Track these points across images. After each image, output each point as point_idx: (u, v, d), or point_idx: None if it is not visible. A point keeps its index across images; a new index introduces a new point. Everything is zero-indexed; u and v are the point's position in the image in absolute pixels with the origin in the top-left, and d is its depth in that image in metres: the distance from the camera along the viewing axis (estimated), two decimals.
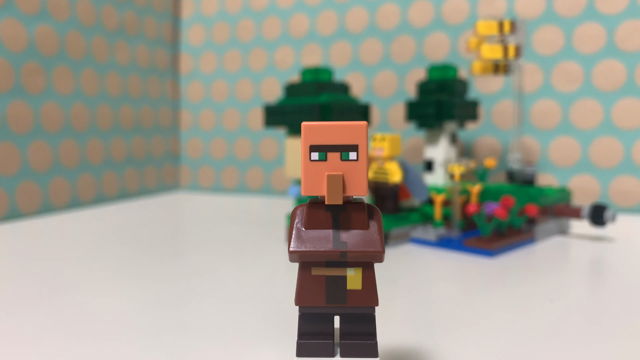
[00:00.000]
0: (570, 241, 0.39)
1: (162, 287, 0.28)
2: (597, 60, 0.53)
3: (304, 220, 0.15)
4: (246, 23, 0.72)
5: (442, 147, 0.48)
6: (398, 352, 0.19)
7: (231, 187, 0.74)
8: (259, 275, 0.31)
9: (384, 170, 0.38)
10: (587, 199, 0.53)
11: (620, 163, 0.52)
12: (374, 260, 0.15)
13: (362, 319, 0.15)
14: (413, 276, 0.31)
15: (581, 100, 0.54)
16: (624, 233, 0.41)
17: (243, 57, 0.73)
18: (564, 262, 0.34)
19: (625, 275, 0.30)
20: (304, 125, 0.15)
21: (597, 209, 0.38)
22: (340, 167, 0.15)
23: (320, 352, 0.15)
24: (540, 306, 0.24)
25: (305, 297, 0.15)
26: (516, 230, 0.38)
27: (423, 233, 0.38)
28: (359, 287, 0.15)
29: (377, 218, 0.15)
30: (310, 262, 0.15)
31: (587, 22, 0.53)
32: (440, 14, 0.60)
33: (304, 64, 0.68)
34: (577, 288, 0.28)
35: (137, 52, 0.68)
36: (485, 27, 0.43)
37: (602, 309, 0.25)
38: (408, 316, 0.24)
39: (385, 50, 0.63)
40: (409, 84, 0.62)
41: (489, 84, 0.58)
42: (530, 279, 0.30)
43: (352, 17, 0.65)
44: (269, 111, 0.51)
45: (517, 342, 0.20)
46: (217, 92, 0.75)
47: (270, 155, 0.71)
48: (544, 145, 0.56)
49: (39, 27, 0.54)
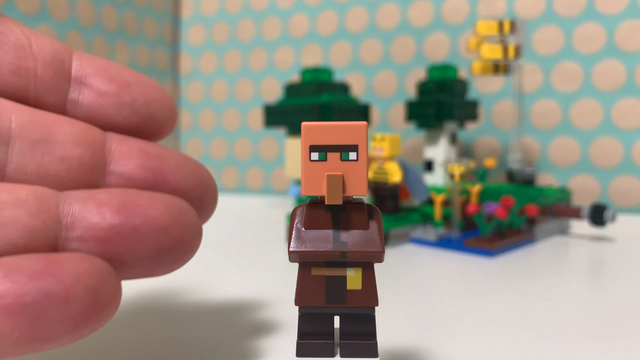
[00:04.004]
0: (570, 241, 0.39)
1: (161, 287, 0.28)
2: (597, 60, 0.53)
3: (304, 220, 0.15)
4: (246, 23, 0.72)
5: (442, 147, 0.48)
6: (398, 352, 0.19)
7: (231, 187, 0.74)
8: (258, 275, 0.31)
9: (384, 170, 0.38)
10: (587, 199, 0.53)
11: (620, 163, 0.52)
12: (374, 260, 0.15)
13: (362, 319, 0.15)
14: (413, 276, 0.31)
15: (581, 100, 0.54)
16: (624, 233, 0.41)
17: (243, 57, 0.73)
18: (564, 262, 0.34)
19: (625, 275, 0.30)
20: (303, 125, 0.15)
21: (597, 209, 0.38)
22: (340, 167, 0.15)
23: (320, 352, 0.15)
24: (540, 306, 0.24)
25: (305, 297, 0.15)
26: (516, 230, 0.38)
27: (423, 233, 0.38)
28: (359, 287, 0.15)
29: (377, 218, 0.15)
30: (310, 262, 0.15)
31: (587, 22, 0.53)
32: (440, 14, 0.60)
33: (304, 64, 0.68)
34: (577, 288, 0.28)
35: (137, 52, 0.68)
36: (485, 27, 0.43)
37: (602, 309, 0.25)
38: (408, 316, 0.24)
39: (385, 50, 0.63)
40: (409, 84, 0.62)
41: (489, 84, 0.58)
42: (530, 279, 0.30)
43: (352, 17, 0.65)
44: (269, 111, 0.51)
45: (517, 342, 0.20)
46: (217, 92, 0.75)
47: (270, 155, 0.71)
48: (544, 145, 0.56)
49: (39, 27, 0.54)
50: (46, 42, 0.16)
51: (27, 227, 0.14)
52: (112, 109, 0.17)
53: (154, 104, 0.18)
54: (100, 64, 0.17)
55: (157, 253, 0.15)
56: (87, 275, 0.13)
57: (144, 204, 0.15)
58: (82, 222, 0.14)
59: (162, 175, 0.17)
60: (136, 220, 0.15)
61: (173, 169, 0.17)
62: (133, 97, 0.17)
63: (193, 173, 0.18)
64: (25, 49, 0.16)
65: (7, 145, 0.15)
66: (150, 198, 0.16)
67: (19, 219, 0.14)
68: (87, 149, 0.16)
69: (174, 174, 0.17)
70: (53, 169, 0.15)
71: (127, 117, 0.17)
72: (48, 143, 0.15)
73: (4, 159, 0.15)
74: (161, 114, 0.18)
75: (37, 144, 0.15)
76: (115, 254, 0.15)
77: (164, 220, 0.15)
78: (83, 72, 0.17)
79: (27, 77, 0.16)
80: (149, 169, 0.17)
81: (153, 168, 0.17)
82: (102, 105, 0.17)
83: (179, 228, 0.16)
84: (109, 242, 0.15)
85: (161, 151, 0.17)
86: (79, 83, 0.17)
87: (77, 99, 0.17)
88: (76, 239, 0.14)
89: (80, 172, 0.16)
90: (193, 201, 0.18)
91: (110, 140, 0.17)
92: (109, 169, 0.16)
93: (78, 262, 0.13)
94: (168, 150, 0.18)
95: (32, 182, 0.15)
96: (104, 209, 0.15)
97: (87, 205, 0.15)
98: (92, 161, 0.16)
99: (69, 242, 0.14)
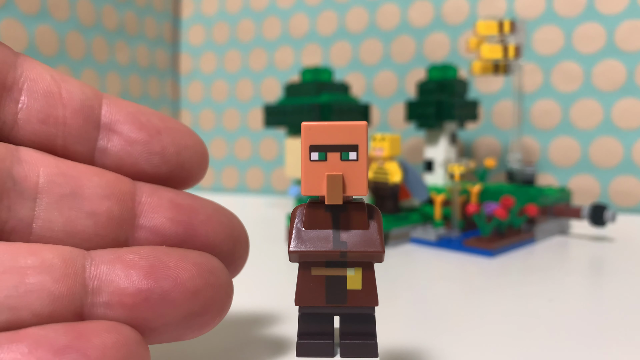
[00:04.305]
0: (570, 241, 0.39)
1: None
2: (597, 60, 0.53)
3: (304, 220, 0.15)
4: (246, 23, 0.72)
5: (442, 147, 0.48)
6: (398, 352, 0.19)
7: (231, 187, 0.74)
8: (258, 275, 0.31)
9: (384, 170, 0.38)
10: (587, 199, 0.53)
11: (620, 163, 0.52)
12: (374, 260, 0.15)
13: (362, 319, 0.15)
14: (413, 276, 0.31)
15: (581, 100, 0.54)
16: (624, 233, 0.41)
17: (243, 57, 0.73)
18: (564, 262, 0.34)
19: (625, 275, 0.30)
20: (303, 125, 0.15)
21: (597, 209, 0.38)
22: (340, 167, 0.15)
23: (320, 352, 0.15)
24: (540, 306, 0.24)
25: (305, 297, 0.15)
26: (516, 230, 0.38)
27: (423, 233, 0.38)
28: (359, 287, 0.15)
29: (377, 218, 0.15)
30: (310, 262, 0.15)
31: (587, 22, 0.53)
32: (440, 14, 0.60)
33: (304, 64, 0.68)
34: (577, 288, 0.28)
35: (137, 52, 0.68)
36: (485, 27, 0.43)
37: (602, 309, 0.25)
38: (408, 316, 0.24)
39: (385, 50, 0.63)
40: (409, 84, 0.62)
41: (489, 84, 0.58)
42: (530, 279, 0.30)
43: (352, 17, 0.65)
44: (269, 111, 0.51)
45: (517, 342, 0.20)
46: (217, 92, 0.75)
47: (270, 155, 0.71)
48: (544, 145, 0.56)
49: (39, 27, 0.54)
50: (76, 87, 0.16)
51: (52, 295, 0.13)
52: (142, 158, 0.16)
53: (185, 151, 0.17)
54: (130, 109, 0.17)
55: (186, 318, 0.15)
56: (114, 349, 0.13)
57: (173, 265, 0.15)
58: (109, 286, 0.14)
59: (192, 229, 0.16)
60: (165, 284, 0.14)
61: (204, 222, 0.17)
62: (163, 145, 0.17)
63: (225, 225, 0.17)
64: (55, 96, 0.15)
65: (35, 200, 0.14)
66: (180, 258, 0.15)
67: (44, 286, 0.13)
68: (116, 202, 0.15)
69: (205, 227, 0.17)
70: (80, 225, 0.15)
71: (157, 166, 0.17)
72: (76, 197, 0.15)
73: (30, 215, 0.14)
74: (192, 162, 0.17)
75: (65, 198, 0.15)
76: (143, 320, 0.14)
77: (193, 284, 0.15)
78: (112, 118, 0.16)
79: (56, 125, 0.15)
80: (179, 223, 0.16)
81: (184, 222, 0.16)
82: (131, 154, 0.16)
83: (209, 291, 0.15)
84: (137, 307, 0.14)
85: (192, 202, 0.17)
86: (108, 130, 0.16)
87: (106, 146, 0.16)
88: (103, 305, 0.14)
89: (109, 227, 0.15)
90: (224, 255, 0.17)
91: (140, 191, 0.16)
92: (139, 222, 0.16)
93: (105, 333, 0.13)
94: (199, 200, 0.17)
95: (59, 239, 0.15)
96: (132, 272, 0.14)
97: (115, 268, 0.14)
98: (121, 215, 0.15)
99: (96, 307, 0.14)
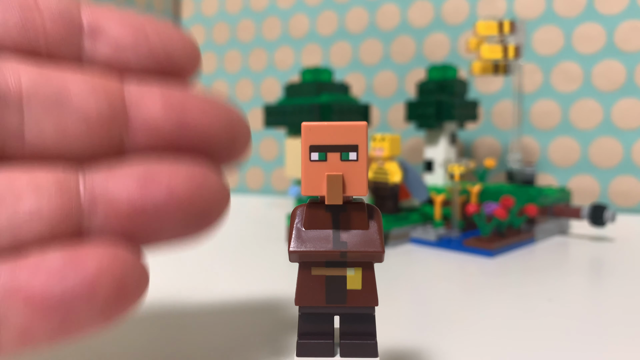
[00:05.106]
0: (570, 241, 0.39)
1: (160, 287, 0.28)
2: (597, 60, 0.53)
3: (304, 220, 0.15)
4: (246, 23, 0.73)
5: (442, 147, 0.48)
6: (398, 352, 0.19)
7: (231, 187, 0.74)
8: (258, 275, 0.31)
9: (384, 170, 0.38)
10: (587, 199, 0.53)
11: (620, 163, 0.52)
12: (374, 260, 0.15)
13: (362, 319, 0.15)
14: (413, 276, 0.31)
15: (581, 100, 0.54)
16: (624, 233, 0.41)
17: (243, 57, 0.73)
18: (564, 262, 0.34)
19: (625, 275, 0.30)
20: (303, 125, 0.15)
21: (596, 209, 0.38)
22: (340, 167, 0.15)
23: (320, 352, 0.15)
24: (540, 306, 0.25)
25: (305, 297, 0.15)
26: (516, 230, 0.38)
27: (423, 233, 0.38)
28: (359, 287, 0.15)
29: (377, 218, 0.15)
30: (310, 262, 0.15)
31: (586, 22, 0.53)
32: (440, 14, 0.60)
33: (304, 64, 0.68)
34: (577, 288, 0.28)
35: None
36: (485, 28, 0.43)
37: (602, 309, 0.25)
38: (408, 316, 0.24)
39: (385, 51, 0.63)
40: (409, 84, 0.62)
41: (489, 84, 0.58)
42: (530, 279, 0.30)
43: (352, 18, 0.65)
44: (269, 111, 0.51)
45: (516, 342, 0.20)
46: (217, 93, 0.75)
47: (270, 155, 0.71)
48: (544, 146, 0.56)
49: None
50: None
51: (49, 216, 0.14)
52: (129, 54, 0.16)
53: (172, 43, 0.17)
54: (111, 9, 0.17)
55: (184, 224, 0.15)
56: (111, 267, 0.13)
57: (166, 174, 0.15)
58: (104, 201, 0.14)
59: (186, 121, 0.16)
60: (159, 194, 0.15)
61: (199, 113, 0.16)
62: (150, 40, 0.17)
63: (221, 114, 0.17)
64: (31, 5, 0.15)
65: (22, 110, 0.14)
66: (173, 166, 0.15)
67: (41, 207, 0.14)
68: (105, 102, 0.15)
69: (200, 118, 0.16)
70: (72, 129, 0.15)
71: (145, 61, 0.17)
72: (64, 101, 0.15)
73: (20, 123, 0.14)
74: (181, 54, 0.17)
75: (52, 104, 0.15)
76: (141, 231, 0.15)
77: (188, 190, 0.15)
78: (95, 20, 0.16)
79: (35, 32, 0.15)
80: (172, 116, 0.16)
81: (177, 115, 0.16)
82: (118, 51, 0.16)
83: (205, 195, 0.16)
84: (134, 219, 0.15)
85: (184, 94, 0.17)
86: (92, 31, 0.16)
87: (92, 48, 0.16)
88: (100, 220, 0.14)
89: (101, 128, 0.15)
90: (223, 144, 0.17)
91: (129, 87, 0.16)
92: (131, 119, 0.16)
93: (101, 252, 0.14)
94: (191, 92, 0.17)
95: (53, 148, 0.15)
96: (126, 185, 0.15)
97: (108, 182, 0.15)
98: (112, 114, 0.15)
99: (93, 223, 0.14)
